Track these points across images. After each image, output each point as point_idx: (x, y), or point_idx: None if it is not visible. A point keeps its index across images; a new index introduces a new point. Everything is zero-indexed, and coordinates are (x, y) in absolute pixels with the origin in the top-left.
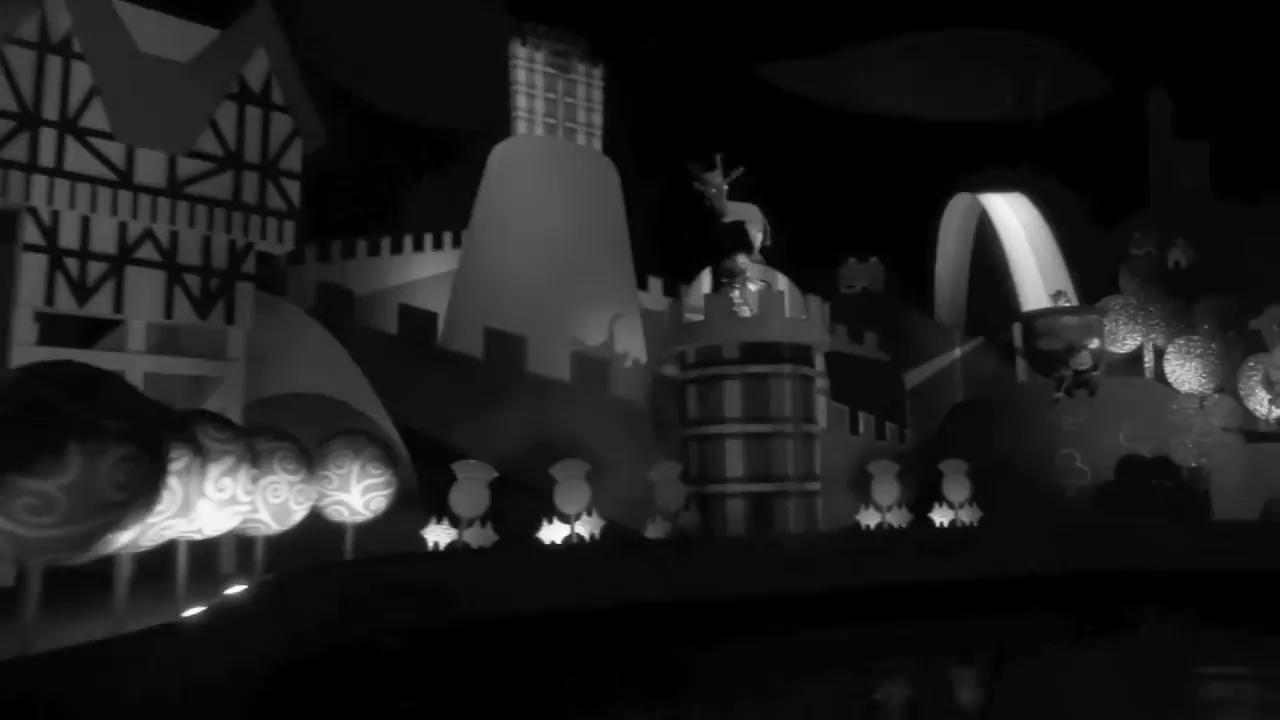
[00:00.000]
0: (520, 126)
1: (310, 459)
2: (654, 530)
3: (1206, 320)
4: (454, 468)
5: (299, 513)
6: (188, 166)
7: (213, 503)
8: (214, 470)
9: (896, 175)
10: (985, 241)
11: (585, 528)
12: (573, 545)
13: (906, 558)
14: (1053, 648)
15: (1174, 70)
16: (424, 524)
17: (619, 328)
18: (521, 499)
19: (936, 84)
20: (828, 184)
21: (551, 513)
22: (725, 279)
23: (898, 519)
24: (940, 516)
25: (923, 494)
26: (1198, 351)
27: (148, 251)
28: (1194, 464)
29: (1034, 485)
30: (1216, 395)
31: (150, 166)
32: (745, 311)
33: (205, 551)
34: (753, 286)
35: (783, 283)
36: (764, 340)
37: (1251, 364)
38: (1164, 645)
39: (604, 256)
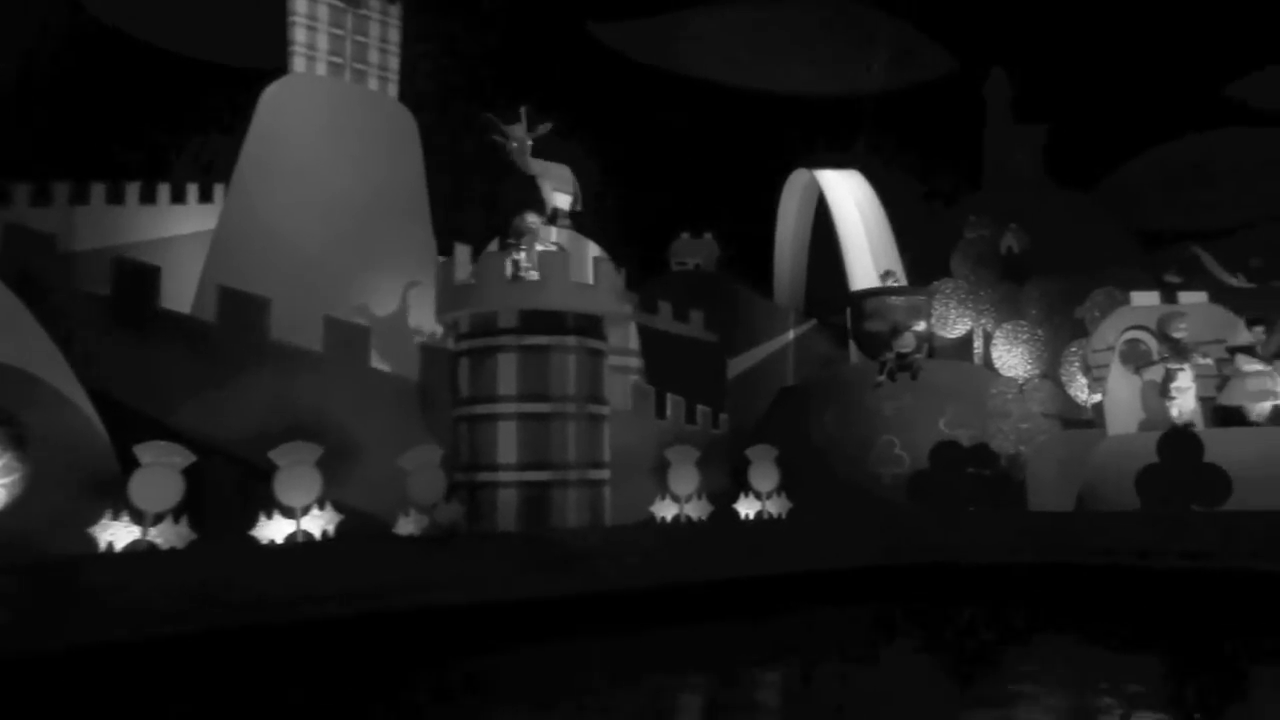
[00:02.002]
0: (298, 64)
1: None
2: (405, 526)
3: (1033, 305)
4: (136, 450)
5: None
6: None
7: None
8: None
9: (736, 148)
10: (826, 220)
11: (316, 523)
12: (294, 545)
13: (688, 553)
14: (855, 649)
15: (1012, 53)
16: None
17: (413, 297)
18: (254, 489)
19: (774, 54)
20: (663, 154)
21: (272, 505)
22: (512, 239)
23: (697, 510)
24: (746, 507)
25: (736, 483)
26: (1024, 337)
27: None
28: (1013, 451)
29: (852, 473)
30: (1036, 380)
31: None
32: (533, 275)
33: None
34: (541, 248)
35: (594, 252)
36: (545, 308)
37: (1074, 349)
38: (960, 645)
39: (397, 217)
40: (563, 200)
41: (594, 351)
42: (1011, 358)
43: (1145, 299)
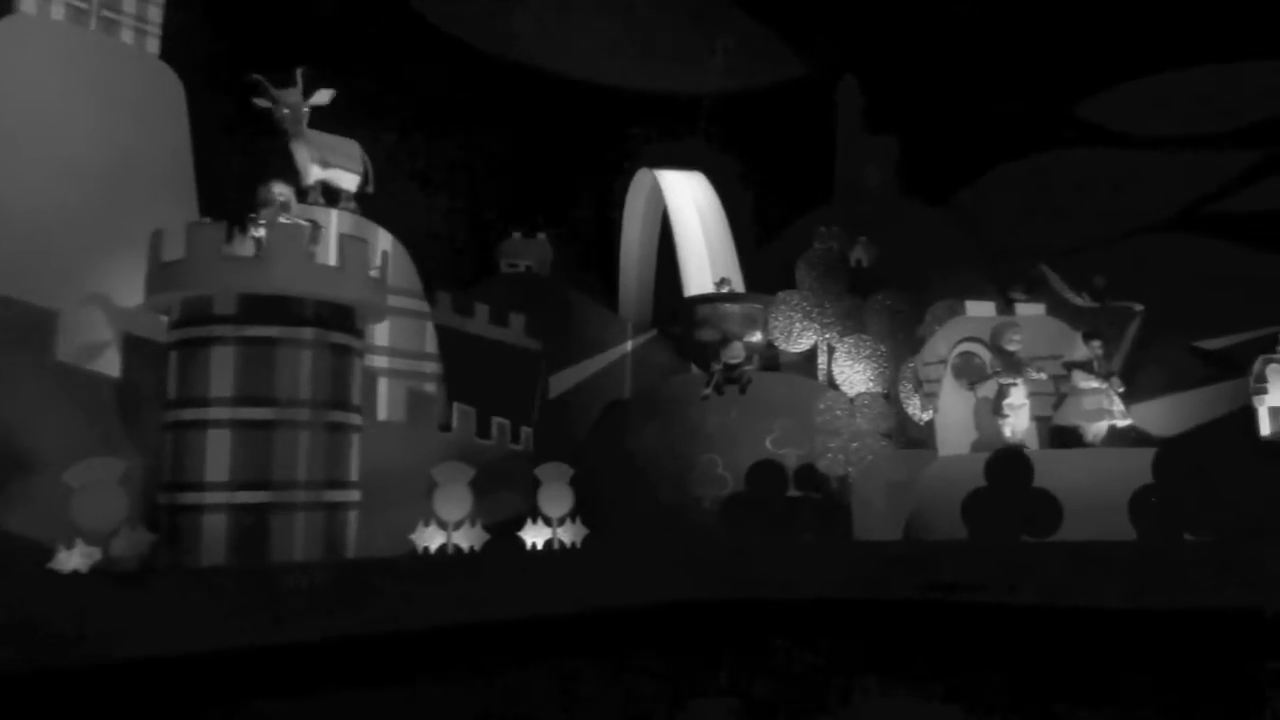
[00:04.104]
0: (26, 4)
1: None
2: (68, 560)
3: (876, 319)
4: None
5: None
6: None
7: None
8: None
9: (576, 143)
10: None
11: None
12: None
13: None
14: (634, 705)
15: (865, 62)
16: None
17: None
18: None
19: (608, 44)
20: (497, 145)
21: None
22: (253, 213)
23: (468, 539)
24: (533, 535)
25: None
26: (866, 353)
27: None
28: (842, 473)
29: (673, 495)
30: (867, 395)
31: None
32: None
33: None
34: (288, 221)
35: (385, 241)
36: (271, 292)
37: (911, 363)
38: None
39: (153, 191)
40: (349, 180)
41: (340, 348)
42: (854, 373)
43: (980, 309)
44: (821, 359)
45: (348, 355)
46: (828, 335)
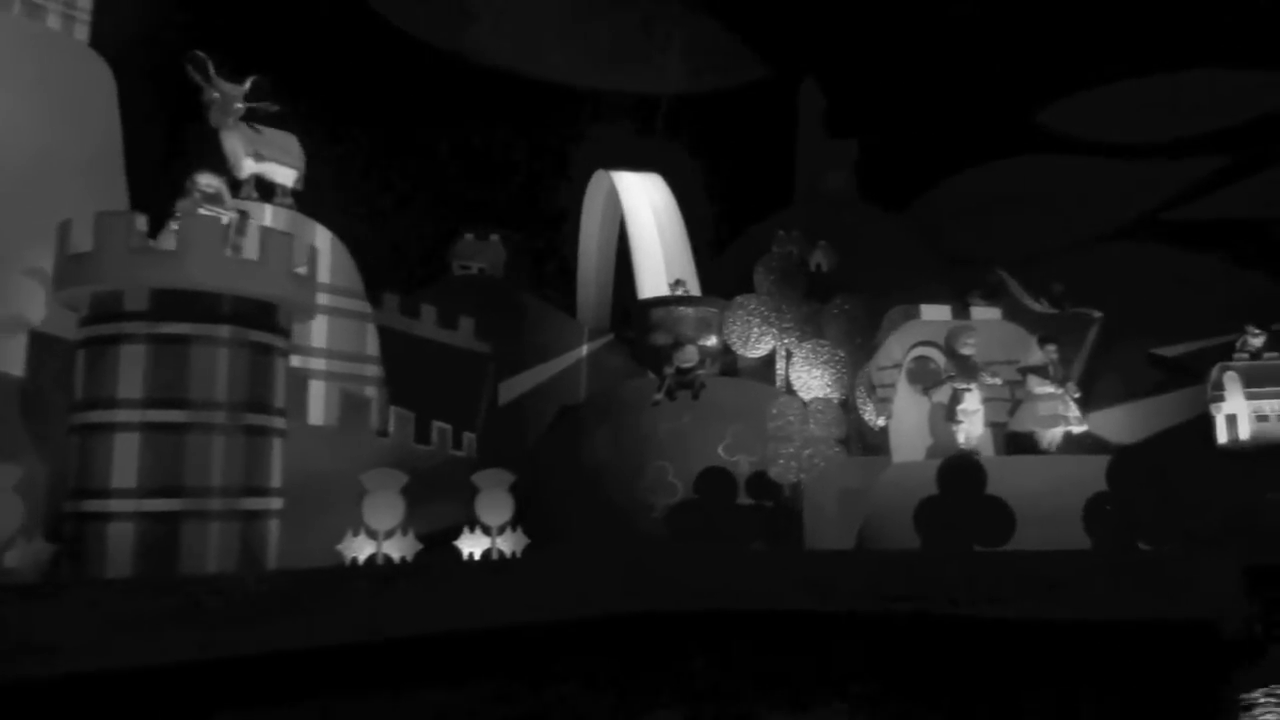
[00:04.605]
0: None
1: None
2: None
3: (834, 324)
4: None
5: None
6: None
7: None
8: None
9: (535, 142)
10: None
11: None
12: None
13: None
14: None
15: (827, 68)
16: None
17: None
18: None
19: (566, 43)
20: (453, 144)
21: None
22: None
23: (399, 549)
24: (470, 545)
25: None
26: (824, 358)
27: None
28: (795, 480)
29: (623, 502)
30: (821, 401)
31: None
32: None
33: None
34: (208, 211)
35: (323, 238)
36: (184, 287)
37: (866, 368)
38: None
39: (78, 184)
40: (285, 175)
41: (261, 347)
42: (812, 379)
43: (935, 313)
44: (780, 364)
45: (269, 355)
46: (786, 340)
